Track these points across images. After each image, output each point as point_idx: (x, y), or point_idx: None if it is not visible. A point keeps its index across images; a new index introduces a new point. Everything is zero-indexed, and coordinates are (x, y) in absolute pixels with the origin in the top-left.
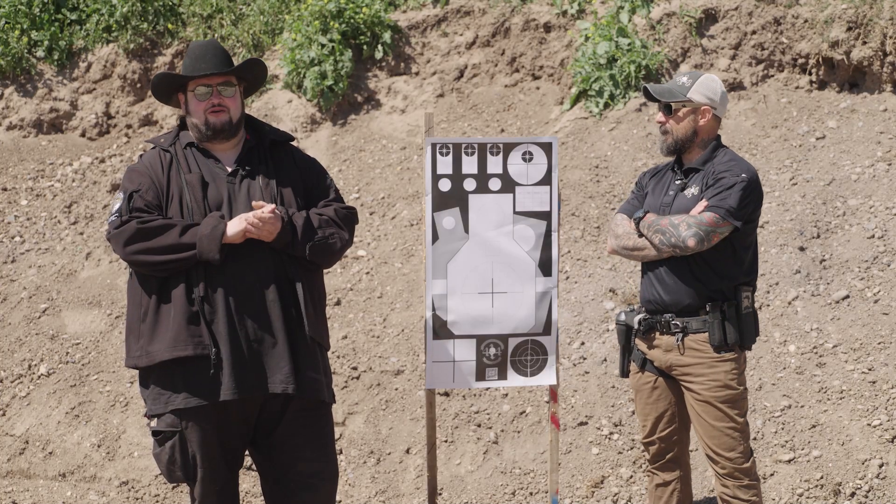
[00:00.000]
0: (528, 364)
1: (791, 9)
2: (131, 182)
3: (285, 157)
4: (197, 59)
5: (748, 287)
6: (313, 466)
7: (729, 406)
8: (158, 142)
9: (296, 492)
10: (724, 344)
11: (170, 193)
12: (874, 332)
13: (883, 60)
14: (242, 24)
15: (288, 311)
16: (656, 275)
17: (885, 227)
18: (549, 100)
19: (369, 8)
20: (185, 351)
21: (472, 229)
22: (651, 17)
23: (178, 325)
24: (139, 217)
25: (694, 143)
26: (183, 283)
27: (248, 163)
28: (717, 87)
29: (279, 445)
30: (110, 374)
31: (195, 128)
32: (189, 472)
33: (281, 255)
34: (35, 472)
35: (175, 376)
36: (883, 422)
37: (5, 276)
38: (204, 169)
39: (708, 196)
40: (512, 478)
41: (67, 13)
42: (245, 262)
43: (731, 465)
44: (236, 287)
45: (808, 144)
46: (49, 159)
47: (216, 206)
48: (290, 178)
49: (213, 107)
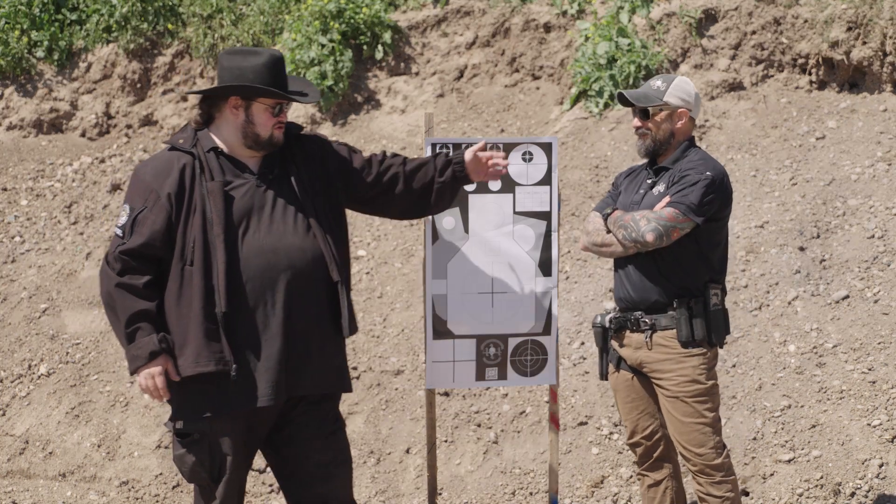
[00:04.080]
0: (528, 364)
1: (791, 9)
2: (139, 194)
3: (303, 149)
4: (278, 74)
5: (717, 284)
6: (324, 457)
7: (698, 401)
8: (178, 143)
9: (311, 484)
10: (691, 340)
11: (192, 203)
12: (874, 332)
13: (883, 60)
14: (242, 24)
15: (321, 309)
16: (626, 272)
17: (885, 227)
18: (549, 100)
19: (369, 8)
20: (207, 367)
21: (472, 229)
22: (651, 18)
23: (197, 340)
24: (127, 263)
25: (671, 144)
26: (202, 295)
27: (273, 166)
28: (691, 90)
29: (290, 440)
30: (110, 374)
31: (251, 137)
32: (215, 474)
33: (317, 252)
34: (35, 472)
35: (203, 384)
36: (883, 422)
37: (5, 276)
38: (230, 175)
39: (671, 192)
40: (512, 478)
41: (67, 13)
42: (275, 263)
43: (701, 461)
44: (268, 293)
45: (808, 144)
46: (49, 159)
47: (242, 216)
48: (316, 172)
49: (279, 123)
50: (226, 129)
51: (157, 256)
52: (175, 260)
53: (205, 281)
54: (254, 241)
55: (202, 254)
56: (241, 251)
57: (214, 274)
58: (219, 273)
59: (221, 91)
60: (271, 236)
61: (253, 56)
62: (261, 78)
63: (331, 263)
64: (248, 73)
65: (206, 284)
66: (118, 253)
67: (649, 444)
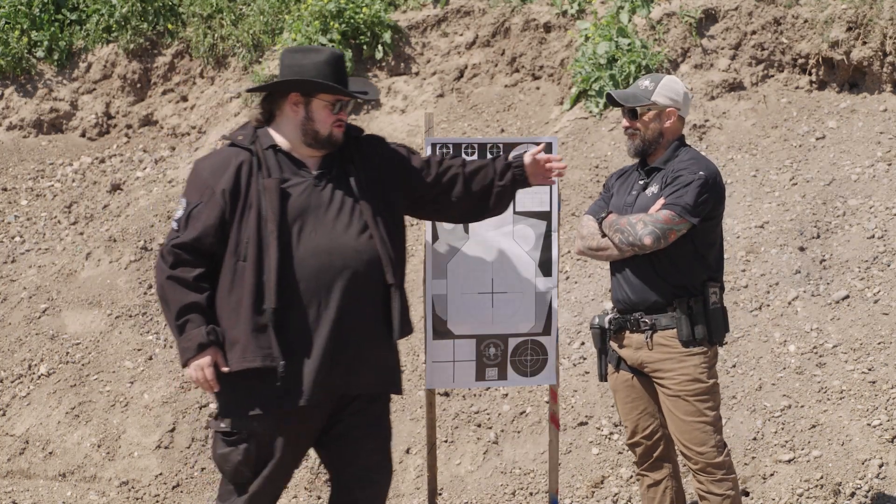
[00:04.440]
0: (528, 364)
1: (791, 9)
2: (196, 189)
3: (361, 151)
4: (338, 72)
5: (715, 283)
6: (373, 459)
7: (700, 400)
8: (237, 139)
9: (351, 488)
10: (692, 339)
11: (248, 200)
12: (874, 332)
13: (883, 60)
14: (242, 24)
15: (375, 310)
16: (623, 275)
17: (885, 227)
18: (549, 100)
19: (369, 8)
20: (254, 363)
21: (471, 229)
22: (651, 17)
23: (246, 335)
24: (179, 256)
25: (660, 144)
26: (253, 291)
27: (332, 165)
28: (680, 89)
29: (340, 440)
30: (110, 374)
31: (310, 135)
32: (258, 472)
33: (373, 254)
34: (35, 472)
35: (251, 381)
36: (883, 422)
37: (5, 276)
38: (288, 173)
39: (665, 194)
40: (512, 478)
41: (67, 13)
42: (330, 263)
43: (703, 459)
44: (321, 292)
45: (808, 144)
46: (49, 159)
47: (298, 214)
48: (374, 173)
49: (338, 121)
50: (286, 127)
51: (210, 251)
52: (228, 255)
53: (256, 277)
54: (310, 241)
55: (256, 250)
56: (297, 250)
57: (266, 270)
58: (270, 269)
59: (281, 87)
60: (327, 237)
61: (313, 53)
62: (321, 75)
63: (387, 266)
64: (309, 70)
65: (257, 280)
66: (171, 246)
67: (649, 443)
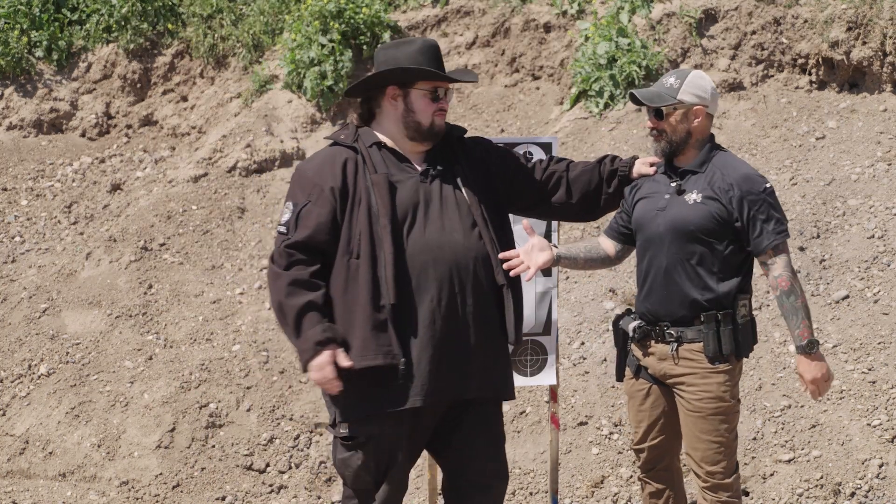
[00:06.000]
0: (528, 364)
1: (791, 9)
2: (302, 190)
3: (465, 151)
4: (434, 58)
5: (745, 295)
6: (490, 466)
7: (719, 419)
8: (339, 138)
9: (471, 493)
10: (718, 354)
11: (356, 196)
12: (874, 332)
13: (883, 60)
14: (242, 24)
15: (488, 311)
16: (651, 285)
17: (885, 227)
18: (549, 100)
19: (369, 8)
20: (375, 360)
21: None
22: (651, 18)
23: (364, 333)
24: (293, 256)
25: (689, 144)
26: (369, 287)
27: (437, 162)
28: (707, 85)
29: (457, 445)
30: (110, 374)
31: (412, 127)
32: (379, 478)
33: (482, 252)
34: (35, 472)
35: (368, 383)
36: (883, 422)
37: (5, 276)
38: (393, 169)
39: (759, 221)
40: (512, 477)
41: (67, 13)
42: (440, 258)
43: (712, 479)
44: (432, 289)
45: (807, 144)
46: (49, 159)
47: (407, 209)
48: (480, 174)
49: (440, 110)
50: (387, 123)
51: (323, 249)
52: (340, 254)
53: (372, 273)
54: (419, 237)
55: (369, 246)
56: (407, 245)
57: (381, 265)
58: (386, 264)
59: (378, 80)
60: (437, 232)
61: (406, 45)
62: (416, 64)
63: (496, 266)
64: (403, 61)
65: (373, 276)
66: (283, 248)
67: (656, 453)
